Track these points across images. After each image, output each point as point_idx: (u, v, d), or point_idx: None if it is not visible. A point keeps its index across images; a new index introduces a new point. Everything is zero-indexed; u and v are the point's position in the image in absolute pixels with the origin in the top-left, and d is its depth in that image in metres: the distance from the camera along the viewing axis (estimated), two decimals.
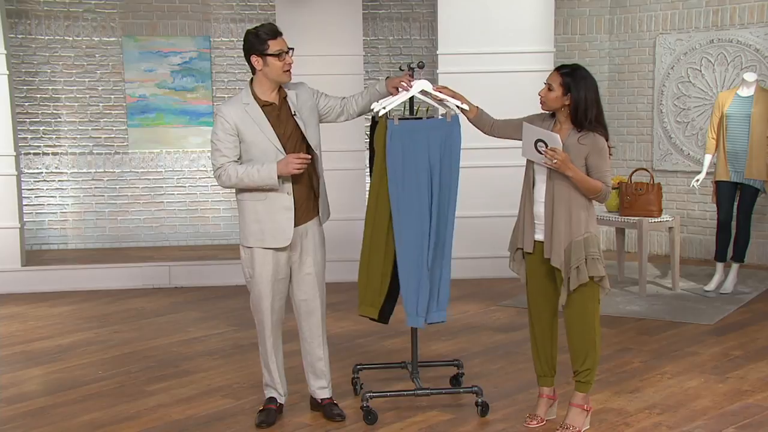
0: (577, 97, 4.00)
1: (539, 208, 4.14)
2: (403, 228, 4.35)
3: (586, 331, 4.13)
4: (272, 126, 4.23)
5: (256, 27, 4.25)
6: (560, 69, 4.09)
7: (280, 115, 4.26)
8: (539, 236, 4.16)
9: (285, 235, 4.28)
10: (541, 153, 4.01)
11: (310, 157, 4.21)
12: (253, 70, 4.25)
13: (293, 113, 4.28)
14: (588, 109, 4.00)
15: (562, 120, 4.11)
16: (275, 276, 4.34)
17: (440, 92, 4.31)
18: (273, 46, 4.17)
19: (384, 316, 4.61)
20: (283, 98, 4.30)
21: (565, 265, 4.04)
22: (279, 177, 4.17)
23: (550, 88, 4.07)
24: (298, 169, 4.16)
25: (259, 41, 4.18)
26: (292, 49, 4.25)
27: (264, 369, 4.52)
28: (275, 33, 4.20)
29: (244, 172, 4.19)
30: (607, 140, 4.06)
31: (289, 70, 4.23)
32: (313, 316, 4.44)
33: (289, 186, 4.25)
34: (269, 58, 4.18)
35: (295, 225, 4.30)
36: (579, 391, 4.24)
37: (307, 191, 4.34)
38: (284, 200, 4.26)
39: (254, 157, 4.22)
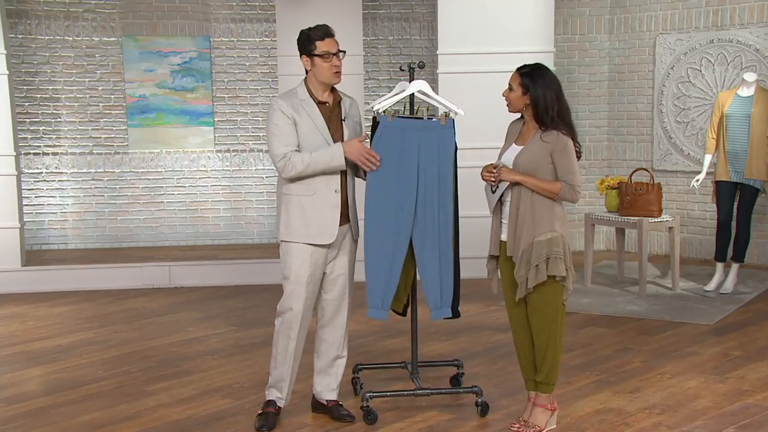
0: (535, 95, 4.04)
1: (506, 208, 4.17)
2: (375, 223, 4.35)
3: (543, 330, 4.12)
4: (326, 123, 4.27)
5: (310, 27, 4.30)
6: (520, 69, 4.14)
7: (331, 116, 4.30)
8: (504, 236, 4.18)
9: (330, 231, 4.27)
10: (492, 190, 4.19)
11: (378, 157, 4.25)
12: (306, 70, 4.30)
13: (343, 118, 4.32)
14: (548, 107, 4.03)
15: (528, 119, 4.16)
16: (313, 277, 4.33)
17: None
18: (320, 47, 4.21)
19: (405, 310, 4.72)
20: (338, 102, 4.35)
21: (525, 263, 4.04)
22: (346, 160, 4.19)
23: (511, 89, 4.12)
24: (365, 160, 4.21)
25: (308, 41, 4.23)
26: (343, 52, 4.27)
27: (274, 369, 4.44)
28: (324, 34, 4.24)
29: (311, 157, 4.17)
30: (573, 139, 4.08)
31: (337, 72, 4.25)
32: (340, 316, 4.44)
33: (336, 184, 4.27)
34: (316, 59, 4.22)
35: (339, 224, 4.32)
36: (540, 392, 4.23)
37: (347, 195, 4.36)
38: (331, 198, 4.27)
39: (305, 152, 4.25)
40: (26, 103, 8.96)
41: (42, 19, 8.93)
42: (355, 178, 4.46)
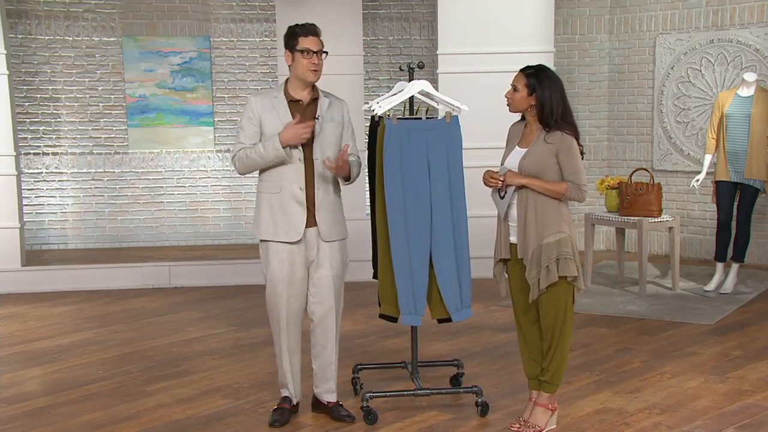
0: (542, 97, 4.04)
1: (513, 211, 4.16)
2: (400, 227, 4.36)
3: (555, 331, 4.13)
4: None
5: (297, 23, 4.34)
6: (525, 70, 4.14)
7: (304, 113, 4.28)
8: (513, 239, 4.18)
9: (296, 229, 4.28)
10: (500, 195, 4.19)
11: (312, 123, 4.20)
12: (288, 66, 4.33)
13: (316, 116, 4.30)
14: (554, 108, 4.04)
15: (531, 121, 4.15)
16: (291, 276, 4.33)
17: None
18: (302, 43, 4.24)
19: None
20: (314, 99, 4.34)
21: (535, 265, 4.05)
22: (285, 147, 4.18)
23: (515, 89, 4.11)
24: (305, 134, 4.18)
25: (292, 36, 4.27)
26: (326, 52, 4.28)
27: (279, 367, 4.52)
28: (308, 31, 4.27)
29: (252, 149, 4.24)
30: (577, 139, 4.08)
31: (315, 71, 4.26)
32: (328, 320, 4.43)
33: (301, 181, 4.27)
34: (296, 54, 4.25)
35: (311, 225, 4.31)
36: (544, 391, 4.24)
37: (315, 195, 4.33)
38: (296, 194, 4.27)
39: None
40: (26, 103, 8.95)
41: (42, 19, 8.93)
42: (341, 180, 4.42)
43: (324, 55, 4.29)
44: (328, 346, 4.46)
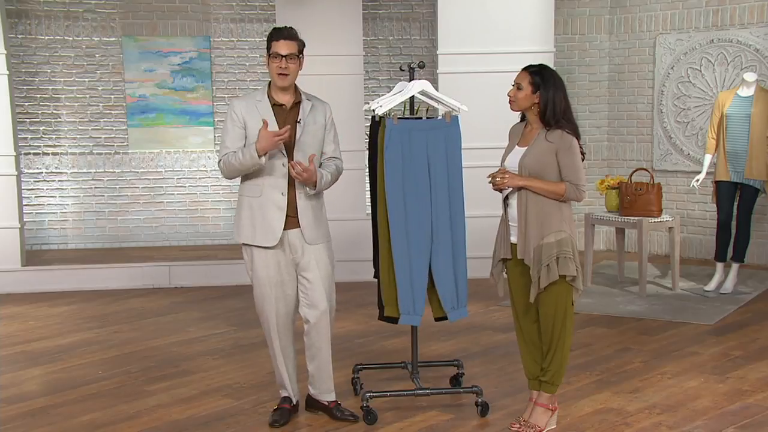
0: (545, 95, 4.05)
1: (513, 211, 4.16)
2: (401, 227, 4.37)
3: (555, 330, 4.13)
4: (278, 125, 4.24)
5: (276, 27, 4.35)
6: (528, 68, 4.15)
7: (287, 118, 4.29)
8: (513, 239, 4.18)
9: (274, 234, 4.28)
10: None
11: (285, 132, 4.13)
12: None
13: (297, 120, 4.29)
14: (556, 107, 4.05)
15: (532, 120, 4.16)
16: (278, 278, 4.33)
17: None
18: (273, 47, 4.24)
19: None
20: (296, 103, 4.33)
21: (536, 264, 4.05)
22: (262, 156, 4.16)
23: (519, 87, 4.11)
24: (279, 140, 4.14)
25: (268, 40, 4.28)
26: (298, 56, 4.25)
27: (275, 369, 4.53)
28: (280, 35, 4.25)
29: (233, 154, 4.26)
30: (577, 138, 4.08)
31: (282, 74, 4.23)
32: (321, 323, 4.39)
33: (284, 186, 4.26)
34: (269, 58, 4.26)
35: (292, 227, 4.29)
36: (544, 391, 4.24)
37: (298, 198, 4.31)
38: (278, 200, 4.27)
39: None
40: (26, 103, 8.95)
41: (42, 19, 8.93)
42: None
43: (298, 58, 4.25)
44: (324, 348, 4.44)
